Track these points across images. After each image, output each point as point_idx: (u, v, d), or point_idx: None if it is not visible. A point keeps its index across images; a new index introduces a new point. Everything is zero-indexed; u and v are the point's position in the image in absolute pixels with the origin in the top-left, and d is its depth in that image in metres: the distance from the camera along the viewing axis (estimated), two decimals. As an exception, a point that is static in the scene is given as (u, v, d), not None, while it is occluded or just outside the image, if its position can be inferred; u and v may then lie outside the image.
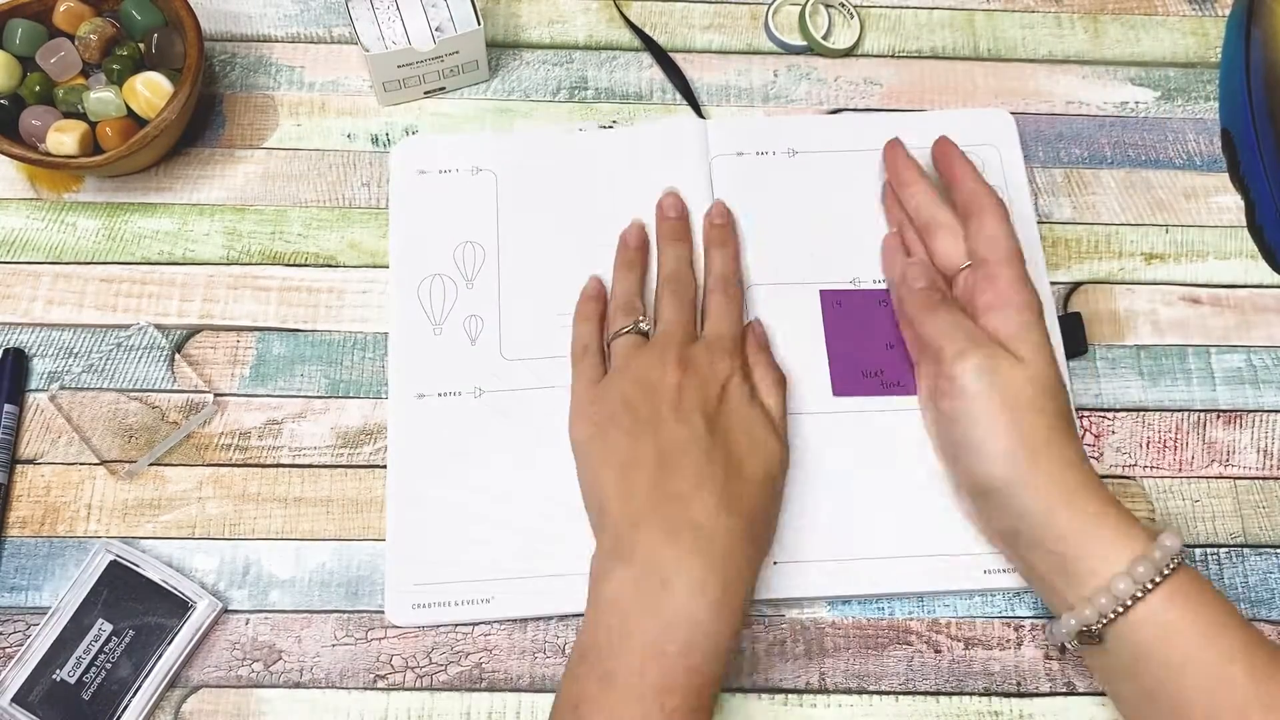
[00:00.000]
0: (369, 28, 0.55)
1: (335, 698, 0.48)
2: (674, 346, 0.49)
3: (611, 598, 0.43)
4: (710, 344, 0.49)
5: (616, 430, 0.47)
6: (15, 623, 0.49)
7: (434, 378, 0.52)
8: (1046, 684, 0.49)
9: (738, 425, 0.47)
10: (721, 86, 0.60)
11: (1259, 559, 0.51)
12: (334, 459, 0.52)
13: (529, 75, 0.60)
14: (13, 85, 0.53)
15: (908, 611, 0.50)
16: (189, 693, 0.48)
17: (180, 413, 0.52)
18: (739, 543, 0.44)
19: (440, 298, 0.54)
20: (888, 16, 0.62)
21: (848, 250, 0.55)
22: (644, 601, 0.42)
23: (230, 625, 0.49)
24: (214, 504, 0.51)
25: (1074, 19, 0.63)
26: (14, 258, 0.55)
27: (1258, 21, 0.59)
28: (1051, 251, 0.57)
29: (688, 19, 0.62)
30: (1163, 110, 0.60)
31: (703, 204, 0.56)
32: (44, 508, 0.51)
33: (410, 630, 0.49)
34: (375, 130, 0.58)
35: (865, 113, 0.60)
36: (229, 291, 0.55)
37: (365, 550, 0.50)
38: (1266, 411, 0.54)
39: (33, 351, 0.53)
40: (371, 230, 0.56)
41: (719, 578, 0.42)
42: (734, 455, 0.46)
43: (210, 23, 0.60)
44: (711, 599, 0.42)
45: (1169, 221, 0.58)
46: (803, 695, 0.49)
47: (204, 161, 0.58)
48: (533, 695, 0.48)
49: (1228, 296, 0.56)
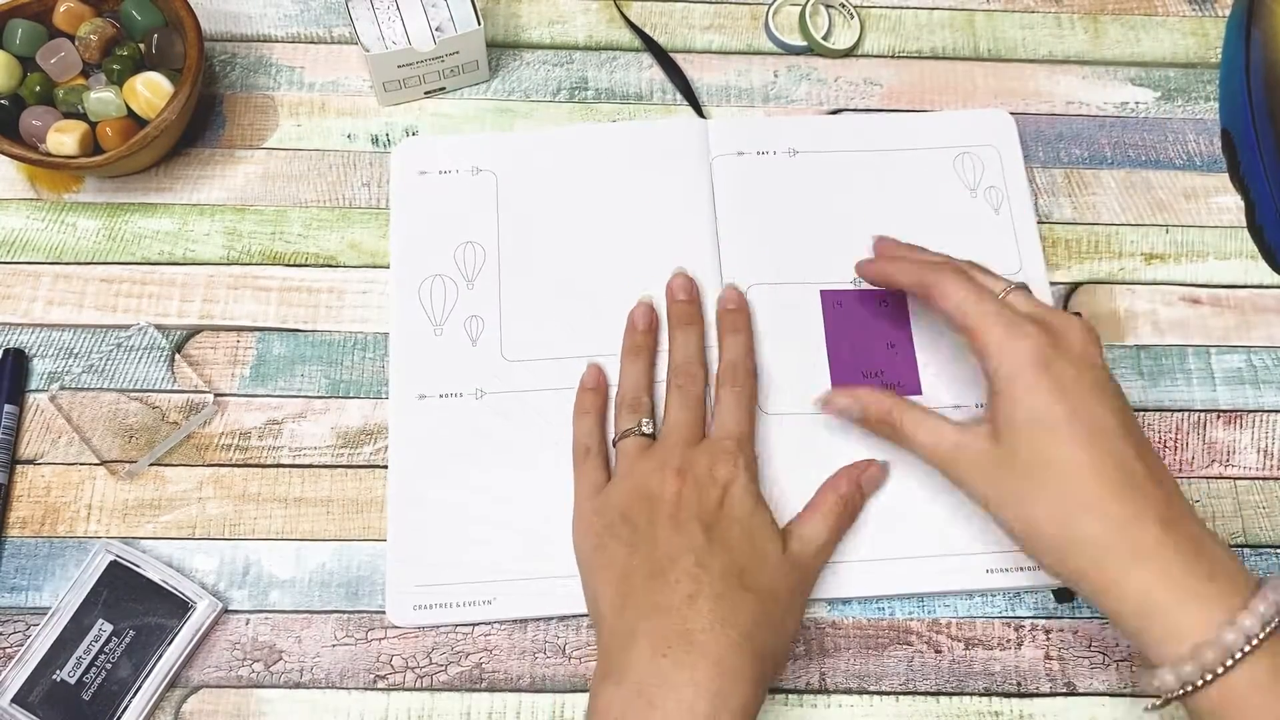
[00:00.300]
0: (369, 28, 0.55)
1: (335, 698, 0.48)
2: (676, 452, 0.47)
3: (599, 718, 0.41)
4: (713, 445, 0.47)
5: (615, 542, 0.45)
6: (15, 623, 0.49)
7: (435, 378, 0.52)
8: (1046, 684, 0.49)
9: (738, 533, 0.45)
10: (721, 87, 0.60)
11: (1259, 559, 0.51)
12: (334, 459, 0.52)
13: (529, 75, 0.60)
14: (13, 85, 0.53)
15: (908, 611, 0.50)
16: (189, 693, 0.48)
17: (180, 413, 0.52)
18: (736, 655, 0.41)
19: (441, 298, 0.54)
20: (888, 17, 0.62)
21: (848, 250, 0.55)
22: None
23: (230, 625, 0.49)
24: (214, 504, 0.51)
25: (1074, 19, 0.63)
26: (14, 258, 0.55)
27: (1258, 21, 0.59)
28: (1051, 251, 0.57)
29: (688, 19, 0.62)
30: (1163, 110, 0.61)
31: (704, 205, 0.56)
32: (44, 508, 0.51)
33: (410, 630, 0.49)
34: (375, 130, 0.58)
35: (865, 113, 0.60)
36: (229, 292, 0.55)
37: (365, 550, 0.50)
38: (1266, 411, 0.54)
39: (33, 352, 0.53)
40: (371, 230, 0.56)
41: (710, 694, 0.40)
42: (733, 564, 0.44)
43: (210, 23, 0.60)
44: (701, 717, 0.39)
45: (1169, 222, 0.58)
46: (803, 695, 0.49)
47: (204, 162, 0.58)
48: (533, 695, 0.48)
49: (1228, 297, 0.56)
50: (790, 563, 0.46)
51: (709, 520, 0.45)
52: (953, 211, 0.56)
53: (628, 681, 0.41)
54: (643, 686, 0.41)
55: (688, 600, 0.42)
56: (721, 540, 0.44)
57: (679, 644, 0.41)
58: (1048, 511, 0.42)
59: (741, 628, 0.42)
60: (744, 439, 0.48)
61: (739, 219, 0.56)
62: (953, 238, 0.56)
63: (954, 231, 0.56)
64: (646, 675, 0.41)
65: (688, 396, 0.49)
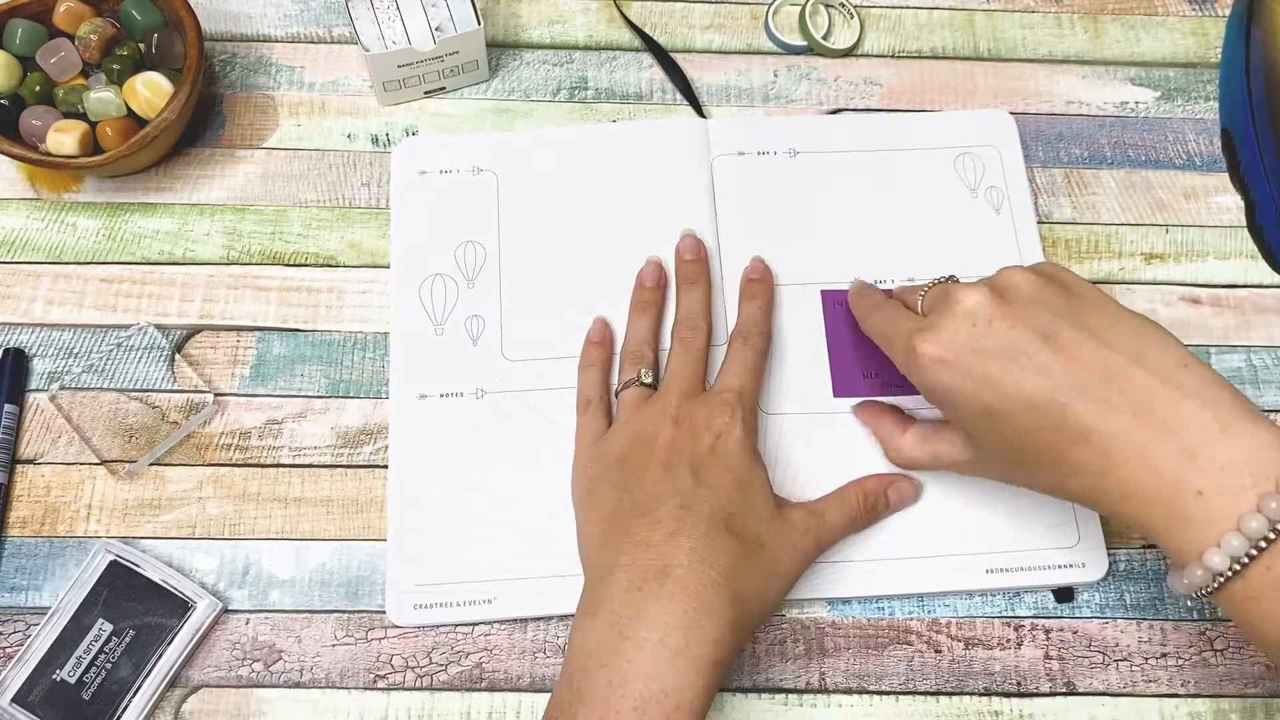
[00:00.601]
0: (369, 28, 0.55)
1: (335, 698, 0.48)
2: (675, 402, 0.47)
3: (575, 651, 0.41)
4: (712, 397, 0.48)
5: (607, 485, 0.46)
6: (15, 623, 0.49)
7: (435, 378, 0.52)
8: (1046, 684, 0.49)
9: (729, 480, 0.45)
10: (721, 86, 0.60)
11: (1259, 559, 0.52)
12: (334, 459, 0.52)
13: (529, 75, 0.60)
14: (13, 85, 0.53)
15: (908, 611, 0.50)
16: (189, 693, 0.48)
17: (180, 413, 0.52)
18: (713, 592, 0.41)
19: (442, 298, 0.54)
20: (888, 16, 0.62)
21: (848, 250, 0.55)
22: (602, 654, 0.40)
23: (230, 625, 0.49)
24: (214, 504, 0.51)
25: (1074, 19, 0.63)
26: (14, 258, 0.55)
27: (1258, 21, 0.59)
28: (1051, 251, 0.57)
29: (688, 19, 0.62)
30: (1163, 110, 0.61)
31: (704, 204, 0.56)
32: (44, 508, 0.51)
33: (410, 630, 0.49)
34: (375, 130, 0.58)
35: (865, 113, 0.60)
36: (229, 291, 0.55)
37: (365, 550, 0.50)
38: (1266, 411, 0.54)
39: (33, 351, 0.53)
40: (372, 230, 0.56)
41: (683, 628, 0.40)
42: (720, 508, 0.44)
43: (210, 23, 0.60)
44: (672, 650, 0.39)
45: (1169, 221, 0.58)
46: (803, 695, 0.49)
47: (204, 161, 0.58)
48: (533, 695, 0.48)
49: (1228, 296, 0.56)
50: (786, 523, 0.46)
51: (698, 464, 0.45)
52: (953, 212, 0.56)
53: (603, 613, 0.41)
54: (617, 618, 0.41)
55: (668, 537, 0.42)
56: (709, 485, 0.44)
57: (655, 578, 0.41)
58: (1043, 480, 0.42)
59: (721, 567, 0.42)
60: (745, 393, 0.48)
61: (739, 219, 0.56)
62: (953, 238, 0.56)
63: (954, 232, 0.56)
64: (622, 607, 0.41)
65: (690, 348, 0.50)
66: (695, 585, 0.41)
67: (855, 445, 0.51)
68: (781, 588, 0.45)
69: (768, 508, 0.45)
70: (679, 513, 0.43)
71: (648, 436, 0.46)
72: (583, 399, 0.51)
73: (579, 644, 0.41)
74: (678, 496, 0.44)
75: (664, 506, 0.44)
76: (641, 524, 0.43)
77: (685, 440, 0.46)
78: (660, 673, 0.39)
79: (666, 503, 0.44)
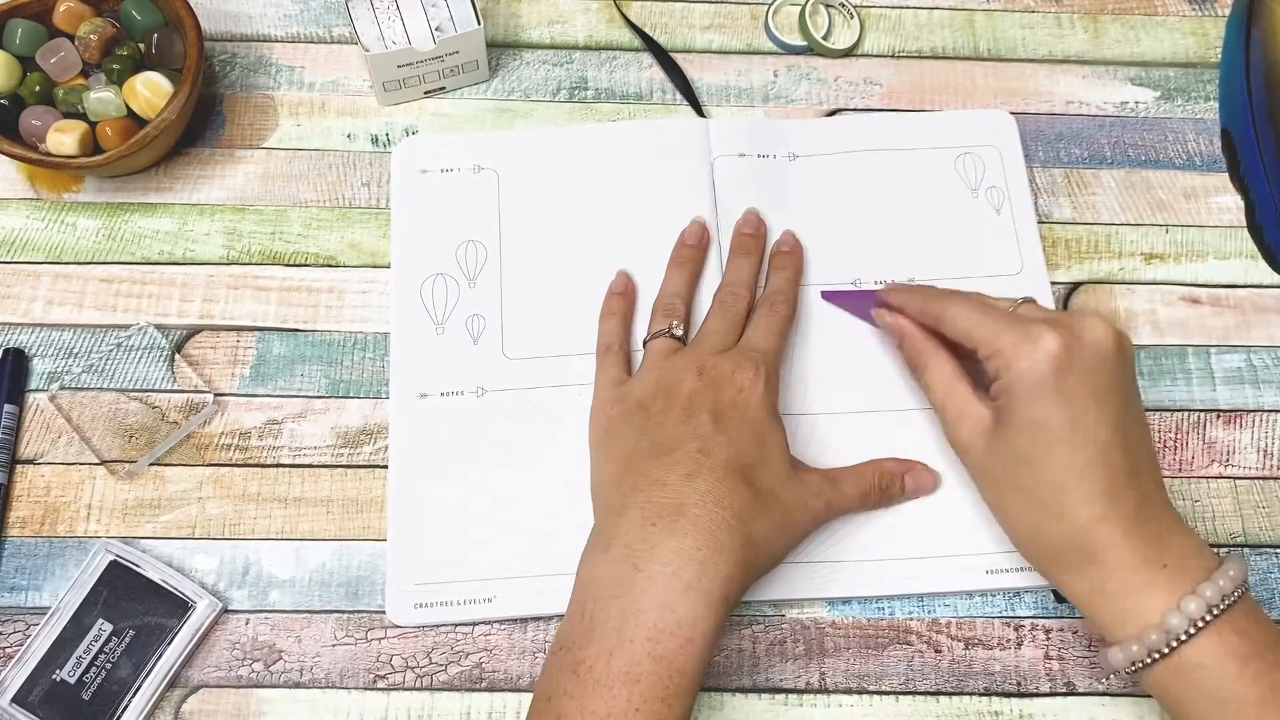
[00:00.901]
0: (369, 28, 0.55)
1: (335, 698, 0.48)
2: (703, 354, 0.48)
3: (585, 583, 0.42)
4: (738, 353, 0.48)
5: (626, 426, 0.47)
6: (15, 623, 0.49)
7: (436, 377, 0.52)
8: (1046, 684, 0.49)
9: (748, 432, 0.45)
10: (721, 86, 0.60)
11: (1259, 559, 0.51)
12: (334, 459, 0.52)
13: (529, 75, 0.60)
14: (13, 85, 0.53)
15: (908, 611, 0.50)
16: (189, 693, 0.48)
17: (180, 413, 0.52)
18: (726, 532, 0.42)
19: (442, 297, 0.54)
20: (888, 16, 0.62)
21: (848, 251, 0.55)
22: (614, 586, 0.41)
23: (230, 625, 0.49)
24: (214, 504, 0.51)
25: (1074, 19, 0.63)
26: (14, 258, 0.55)
27: (1258, 21, 0.59)
28: (1051, 251, 0.57)
29: (688, 19, 0.62)
30: (1163, 110, 0.61)
31: (704, 204, 0.56)
32: (44, 508, 0.51)
33: (410, 630, 0.49)
34: (375, 130, 0.58)
35: (865, 113, 0.60)
36: (229, 291, 0.55)
37: (365, 550, 0.50)
38: (1266, 411, 0.54)
39: (33, 351, 0.53)
40: (372, 230, 0.56)
41: (696, 563, 0.41)
42: (737, 457, 0.44)
43: (210, 23, 0.60)
44: (685, 583, 0.40)
45: (1169, 221, 0.58)
46: (803, 695, 0.49)
47: (204, 161, 0.58)
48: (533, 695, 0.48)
49: (1228, 296, 0.56)
50: (800, 482, 0.46)
51: (719, 414, 0.46)
52: (954, 212, 0.56)
53: (615, 546, 0.42)
54: (630, 551, 0.41)
55: (685, 479, 0.43)
56: (728, 434, 0.45)
57: (670, 515, 0.42)
58: (1018, 504, 0.44)
59: (735, 510, 0.42)
60: (770, 354, 0.49)
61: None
62: (954, 238, 0.56)
63: (955, 232, 0.56)
64: (634, 541, 0.42)
65: (728, 311, 0.51)
66: (709, 524, 0.42)
67: (855, 445, 0.51)
68: (790, 541, 0.46)
69: (784, 465, 0.46)
70: (697, 456, 0.44)
71: (671, 384, 0.47)
72: (603, 345, 0.52)
73: (589, 576, 0.42)
74: (697, 441, 0.44)
75: (683, 449, 0.44)
76: (659, 464, 0.44)
77: (709, 391, 0.46)
78: (674, 604, 0.40)
79: (685, 445, 0.44)
